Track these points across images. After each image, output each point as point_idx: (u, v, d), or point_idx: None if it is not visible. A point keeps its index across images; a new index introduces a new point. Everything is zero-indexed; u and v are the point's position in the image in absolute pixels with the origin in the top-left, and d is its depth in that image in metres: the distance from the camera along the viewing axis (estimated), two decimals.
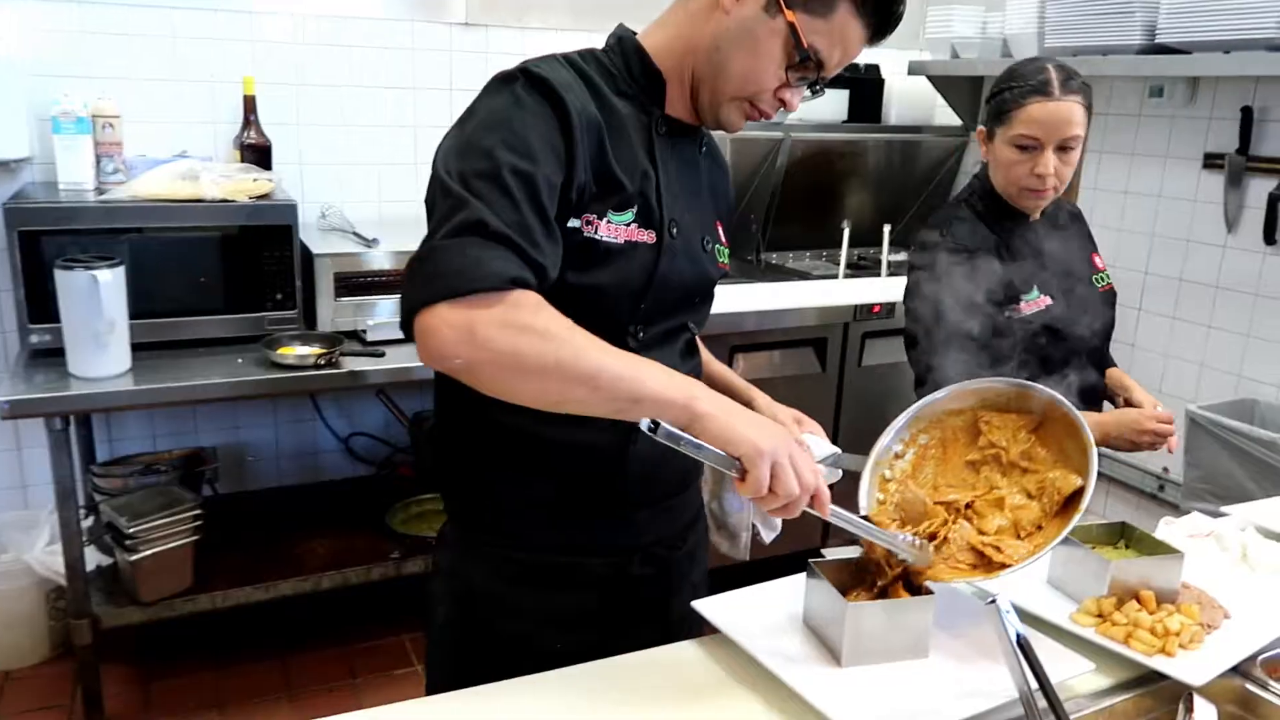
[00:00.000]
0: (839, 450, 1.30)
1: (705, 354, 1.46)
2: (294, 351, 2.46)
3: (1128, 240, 3.36)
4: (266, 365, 2.39)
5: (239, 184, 2.50)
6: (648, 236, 1.19)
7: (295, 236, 2.53)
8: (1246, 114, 2.94)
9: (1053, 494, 1.21)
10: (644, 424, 0.97)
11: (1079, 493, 1.19)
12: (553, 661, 1.15)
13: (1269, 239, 2.90)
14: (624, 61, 1.24)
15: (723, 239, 1.35)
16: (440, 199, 1.07)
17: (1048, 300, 1.90)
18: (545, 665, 1.14)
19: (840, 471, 1.30)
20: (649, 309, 1.22)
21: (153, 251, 2.40)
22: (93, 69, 2.69)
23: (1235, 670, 1.16)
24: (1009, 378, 1.30)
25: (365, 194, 3.11)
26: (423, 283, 1.02)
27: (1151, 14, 2.91)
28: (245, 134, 2.81)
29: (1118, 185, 3.38)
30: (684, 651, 1.20)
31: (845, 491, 1.31)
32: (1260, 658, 1.19)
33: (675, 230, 1.22)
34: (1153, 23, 2.92)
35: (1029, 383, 1.27)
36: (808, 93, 1.23)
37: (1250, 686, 1.15)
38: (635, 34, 1.26)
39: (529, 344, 0.99)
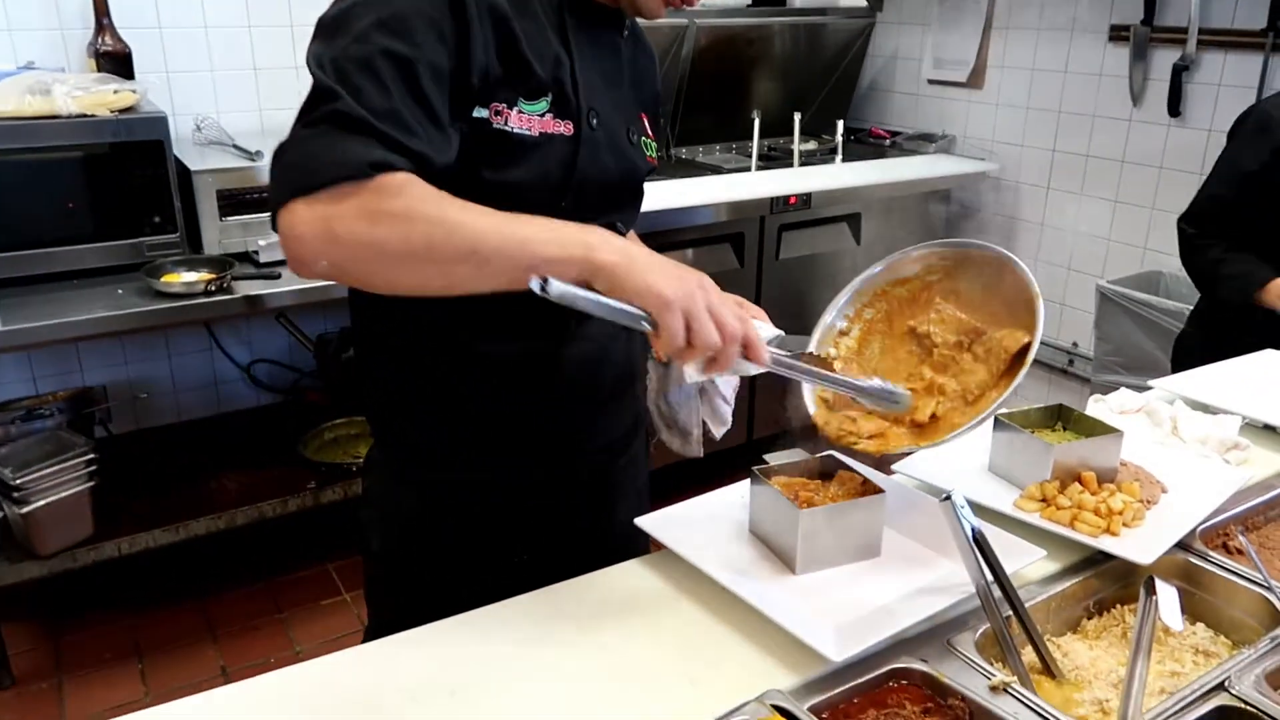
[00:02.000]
0: (782, 333, 1.25)
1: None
2: (180, 278, 2.28)
3: (1035, 118, 3.36)
4: (151, 295, 2.21)
5: (98, 97, 2.26)
6: (564, 128, 1.09)
7: (169, 152, 2.32)
8: None
9: (999, 353, 1.17)
10: (533, 284, 0.86)
11: (1026, 349, 1.16)
12: (496, 583, 1.10)
13: (1173, 111, 2.93)
14: None
15: (649, 132, 1.25)
16: (310, 86, 0.95)
17: None
18: (489, 587, 1.09)
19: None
20: (571, 207, 1.13)
21: (7, 176, 2.16)
22: None
23: (1176, 544, 1.16)
24: (949, 238, 1.25)
25: (243, 102, 2.87)
26: (279, 179, 0.92)
27: None
28: (99, 40, 2.53)
29: (1025, 62, 3.36)
30: (633, 570, 1.15)
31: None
32: (1199, 530, 1.21)
33: (595, 121, 1.12)
34: None
35: (971, 240, 1.23)
36: None
37: (1192, 559, 1.16)
38: None
39: (391, 231, 0.89)
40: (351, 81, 0.92)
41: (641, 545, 1.26)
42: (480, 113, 1.03)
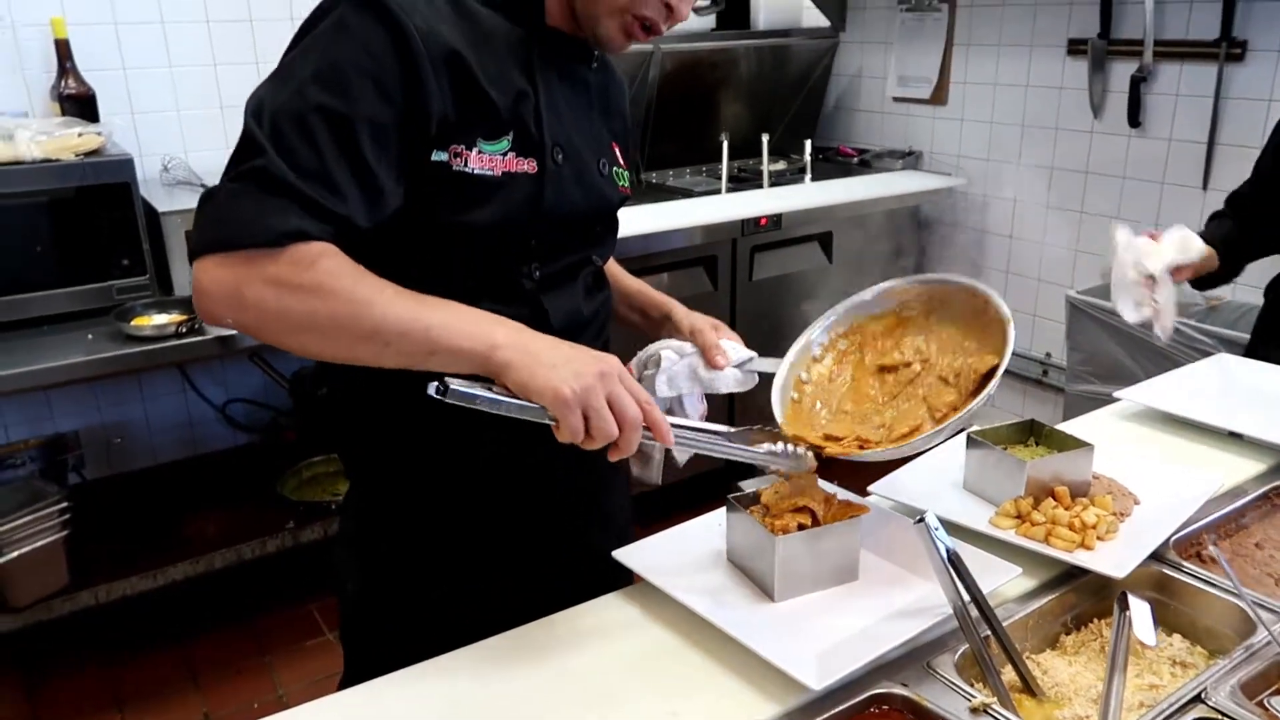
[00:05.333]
0: (754, 354, 1.26)
1: (616, 271, 1.39)
2: (151, 321, 2.26)
3: (999, 132, 3.41)
4: (122, 339, 2.19)
5: (62, 141, 2.25)
6: (528, 165, 1.09)
7: (136, 195, 2.31)
8: None
9: (969, 375, 1.18)
10: (430, 389, 0.90)
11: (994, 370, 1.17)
12: (476, 622, 1.09)
13: (1133, 121, 2.98)
14: None
15: (621, 161, 1.25)
16: (240, 133, 0.97)
17: None
18: (468, 627, 1.08)
19: (756, 376, 1.26)
20: (541, 245, 1.13)
21: None
22: None
23: (1150, 556, 1.17)
24: (927, 274, 1.27)
25: (210, 141, 2.86)
26: (199, 231, 0.95)
27: None
28: (62, 84, 2.52)
29: (986, 77, 3.41)
30: (612, 604, 1.14)
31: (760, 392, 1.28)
32: (1172, 540, 1.22)
33: (560, 156, 1.12)
34: None
35: (948, 276, 1.24)
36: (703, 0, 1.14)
37: (1166, 570, 1.17)
38: None
39: (299, 303, 0.92)
40: (283, 139, 0.94)
41: (625, 576, 1.25)
42: (439, 156, 1.03)
